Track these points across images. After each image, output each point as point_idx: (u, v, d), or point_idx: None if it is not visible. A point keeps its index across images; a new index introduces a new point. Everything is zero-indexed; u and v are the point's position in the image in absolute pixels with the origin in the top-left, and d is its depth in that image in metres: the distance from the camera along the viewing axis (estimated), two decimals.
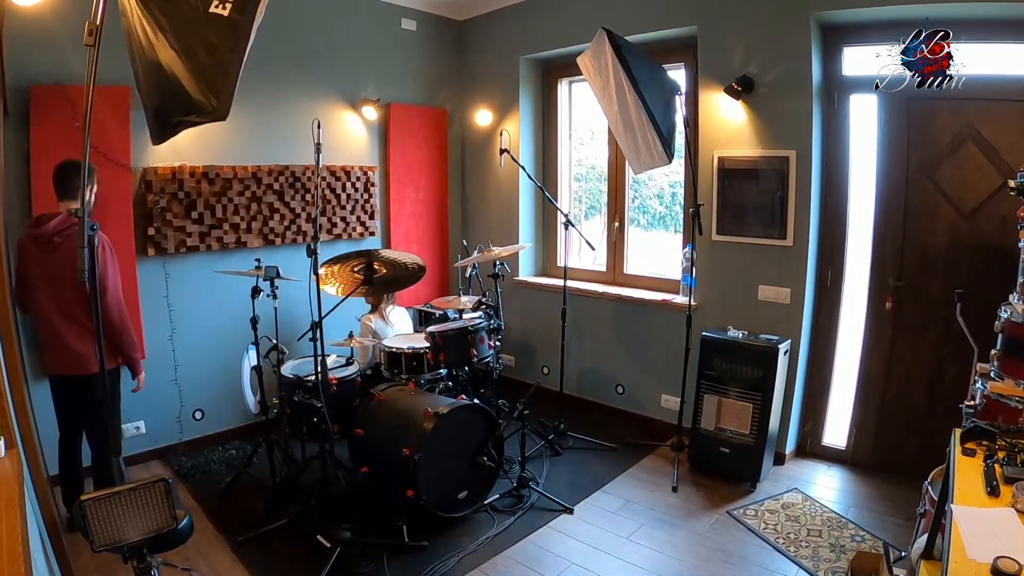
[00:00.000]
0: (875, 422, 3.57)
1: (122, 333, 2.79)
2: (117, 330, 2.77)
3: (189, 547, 2.43)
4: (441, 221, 5.11)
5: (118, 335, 2.78)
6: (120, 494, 1.65)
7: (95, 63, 1.75)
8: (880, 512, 3.14)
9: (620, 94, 3.35)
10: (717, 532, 3.02)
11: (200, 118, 2.49)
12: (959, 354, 2.85)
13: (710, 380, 3.56)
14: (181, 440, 3.82)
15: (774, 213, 3.54)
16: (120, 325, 2.78)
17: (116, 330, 2.76)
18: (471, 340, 3.48)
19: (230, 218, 3.83)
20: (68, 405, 2.84)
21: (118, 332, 2.78)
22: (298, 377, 3.25)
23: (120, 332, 2.78)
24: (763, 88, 3.50)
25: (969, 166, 3.12)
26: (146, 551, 1.71)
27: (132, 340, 2.86)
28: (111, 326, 2.74)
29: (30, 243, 2.69)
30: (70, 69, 3.14)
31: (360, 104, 4.45)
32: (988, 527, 1.44)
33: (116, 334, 2.77)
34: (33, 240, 2.67)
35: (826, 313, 3.65)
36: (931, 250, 3.29)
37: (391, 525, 2.95)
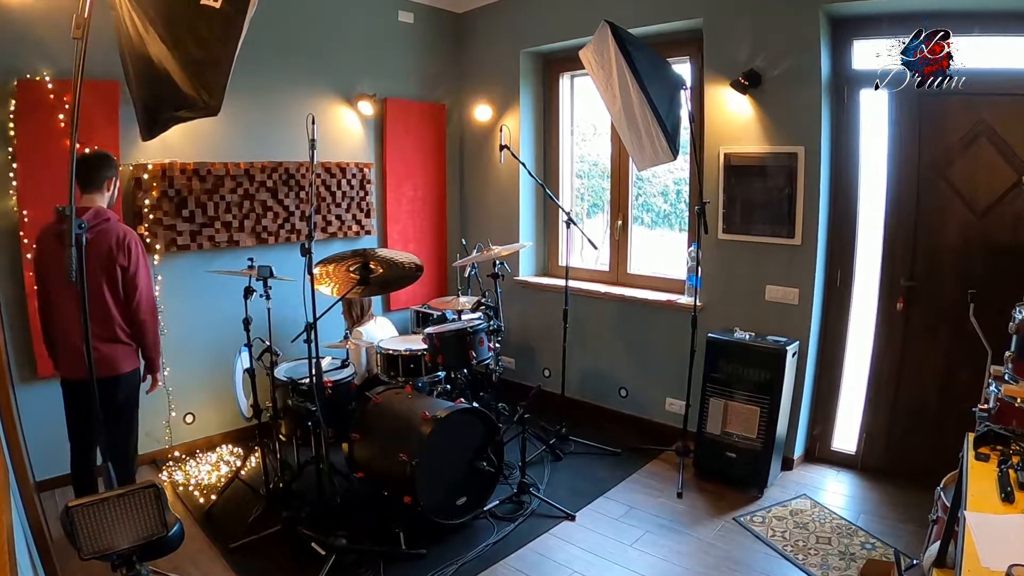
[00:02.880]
0: (886, 426, 3.57)
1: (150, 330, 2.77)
2: (147, 327, 2.74)
3: (180, 555, 2.43)
4: (439, 219, 5.11)
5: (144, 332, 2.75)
6: (109, 500, 1.66)
7: (83, 57, 1.75)
8: (891, 519, 3.14)
9: (623, 89, 3.35)
10: (723, 539, 3.02)
11: (191, 113, 2.50)
12: (972, 356, 2.85)
13: (716, 383, 3.56)
14: (171, 444, 3.82)
15: (782, 211, 3.54)
16: (153, 327, 2.78)
17: (146, 327, 2.74)
18: (470, 342, 3.48)
19: (222, 216, 3.84)
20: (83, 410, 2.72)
21: (146, 329, 2.75)
22: (292, 380, 3.25)
23: (149, 329, 2.76)
24: (770, 82, 3.50)
25: (982, 163, 3.12)
26: (136, 559, 1.72)
27: (157, 339, 2.84)
28: (144, 328, 2.74)
29: (50, 239, 2.61)
30: (57, 63, 3.15)
31: (356, 99, 4.45)
32: (1002, 534, 1.44)
33: (144, 331, 2.74)
34: (57, 236, 2.57)
35: (835, 314, 3.65)
36: (943, 249, 3.29)
37: (388, 532, 2.96)
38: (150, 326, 2.77)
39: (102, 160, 2.70)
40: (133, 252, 2.65)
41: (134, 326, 2.73)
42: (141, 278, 2.69)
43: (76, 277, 1.81)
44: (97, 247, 2.55)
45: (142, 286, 2.69)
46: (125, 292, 2.66)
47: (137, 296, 2.68)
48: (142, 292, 2.70)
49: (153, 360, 2.84)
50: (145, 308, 2.73)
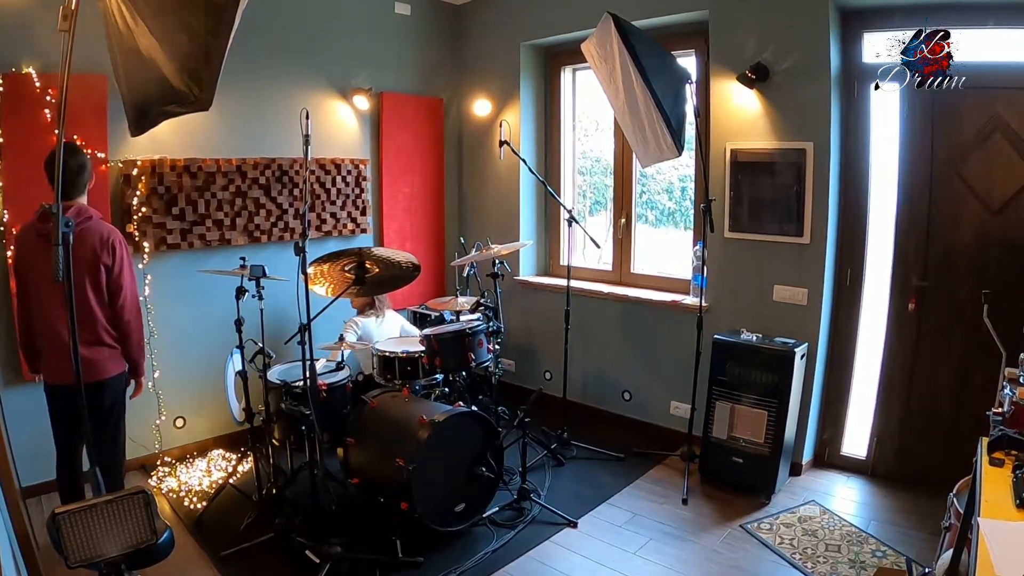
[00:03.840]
0: (897, 430, 3.56)
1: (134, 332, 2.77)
2: (131, 329, 2.74)
3: (170, 563, 2.42)
4: (437, 217, 5.11)
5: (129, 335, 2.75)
6: (97, 507, 1.65)
7: (70, 50, 1.75)
8: (903, 526, 3.13)
9: (627, 83, 3.35)
10: (730, 547, 3.02)
11: (181, 108, 2.50)
12: (986, 358, 2.85)
13: (722, 386, 3.56)
14: (161, 449, 3.82)
15: (790, 209, 3.54)
16: (138, 329, 2.78)
17: (131, 330, 2.74)
18: (469, 343, 3.48)
19: (213, 214, 3.84)
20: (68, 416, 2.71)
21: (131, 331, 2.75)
22: (285, 383, 3.24)
23: (134, 332, 2.76)
24: (778, 76, 3.50)
25: (998, 159, 3.12)
26: (124, 567, 1.71)
27: (141, 341, 2.84)
28: (129, 330, 2.73)
29: (33, 239, 2.59)
30: (44, 56, 3.14)
31: (351, 93, 4.45)
32: (1017, 542, 1.44)
33: (129, 333, 2.74)
34: (38, 235, 2.56)
35: (845, 315, 3.65)
36: (957, 248, 3.29)
37: (384, 540, 2.95)
38: (135, 328, 2.76)
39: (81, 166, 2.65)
40: (117, 251, 2.65)
41: (119, 328, 2.72)
42: (126, 278, 2.68)
43: (63, 277, 1.79)
44: (81, 247, 2.54)
45: (127, 286, 2.69)
46: (109, 293, 2.66)
47: (122, 297, 2.67)
48: (127, 293, 2.69)
49: (137, 363, 2.83)
50: (130, 309, 2.72)
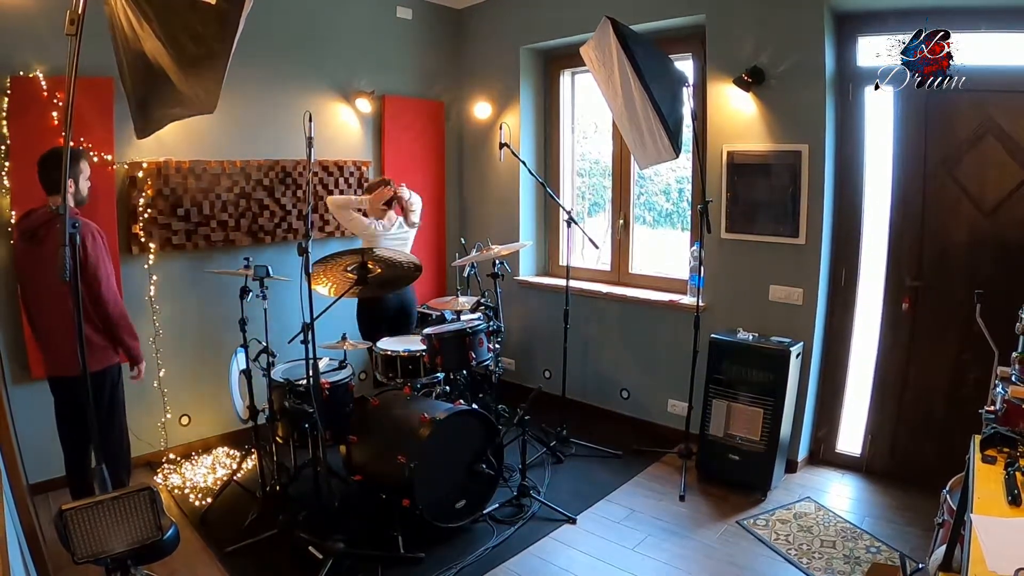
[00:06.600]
0: (891, 428, 3.57)
1: (120, 323, 2.78)
2: (115, 322, 2.76)
3: (175, 558, 2.44)
4: (438, 218, 5.11)
5: (116, 326, 2.77)
6: (103, 503, 1.66)
7: (77, 53, 1.75)
8: (896, 522, 3.14)
9: (625, 86, 3.36)
10: (726, 543, 3.03)
11: (186, 111, 2.50)
12: (979, 357, 2.85)
13: (719, 384, 3.56)
14: (167, 447, 3.82)
15: (786, 210, 3.54)
16: (118, 316, 2.78)
17: (115, 322, 2.76)
18: (469, 343, 3.48)
19: (217, 215, 3.84)
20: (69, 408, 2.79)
21: (116, 323, 2.76)
22: (289, 381, 3.25)
23: (118, 323, 2.78)
24: (774, 79, 3.50)
25: (990, 161, 3.12)
26: (130, 563, 1.72)
27: (131, 328, 2.85)
28: (109, 318, 2.74)
29: (19, 238, 2.70)
30: (51, 60, 3.15)
31: (353, 96, 4.45)
32: (1009, 537, 1.44)
33: (115, 326, 2.76)
34: (21, 235, 2.68)
35: (840, 314, 3.65)
36: (950, 248, 3.30)
37: (386, 536, 2.96)
38: (118, 314, 2.77)
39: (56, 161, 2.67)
40: (88, 244, 2.65)
41: (104, 319, 2.74)
42: (101, 269, 2.68)
43: (70, 276, 1.81)
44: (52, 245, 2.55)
45: (102, 275, 2.69)
46: (86, 285, 2.65)
47: (99, 288, 2.67)
48: (102, 283, 2.69)
49: (130, 347, 2.85)
50: (109, 299, 2.72)
